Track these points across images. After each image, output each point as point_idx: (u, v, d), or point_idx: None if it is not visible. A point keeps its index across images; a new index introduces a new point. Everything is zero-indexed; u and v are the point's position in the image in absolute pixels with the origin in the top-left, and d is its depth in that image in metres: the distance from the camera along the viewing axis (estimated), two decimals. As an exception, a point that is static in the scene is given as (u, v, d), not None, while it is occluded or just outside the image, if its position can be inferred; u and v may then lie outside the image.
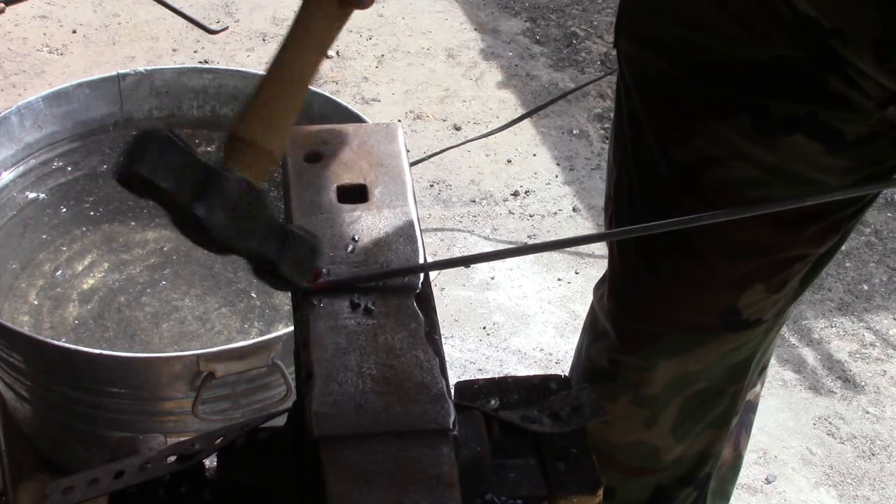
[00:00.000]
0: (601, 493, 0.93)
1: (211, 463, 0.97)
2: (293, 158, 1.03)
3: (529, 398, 1.01)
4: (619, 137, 1.39)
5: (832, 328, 2.61)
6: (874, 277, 2.75)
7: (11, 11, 3.39)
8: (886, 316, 2.65)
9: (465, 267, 2.66)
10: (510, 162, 3.00)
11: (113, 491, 0.93)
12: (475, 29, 3.50)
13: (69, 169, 2.25)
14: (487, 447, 0.90)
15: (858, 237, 2.84)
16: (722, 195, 1.27)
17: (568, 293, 2.63)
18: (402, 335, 0.89)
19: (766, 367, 1.65)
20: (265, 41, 3.36)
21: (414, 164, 2.83)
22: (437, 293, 2.06)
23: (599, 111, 3.20)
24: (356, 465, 0.79)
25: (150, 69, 2.27)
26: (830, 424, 2.39)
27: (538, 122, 3.13)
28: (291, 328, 1.70)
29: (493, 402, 1.00)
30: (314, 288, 0.92)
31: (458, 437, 0.83)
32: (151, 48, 3.29)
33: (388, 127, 1.07)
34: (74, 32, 3.33)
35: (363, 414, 0.83)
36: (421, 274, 0.93)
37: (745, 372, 1.48)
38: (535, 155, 3.03)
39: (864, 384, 2.48)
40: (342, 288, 0.92)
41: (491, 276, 2.65)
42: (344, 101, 2.20)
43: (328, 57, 3.30)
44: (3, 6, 3.37)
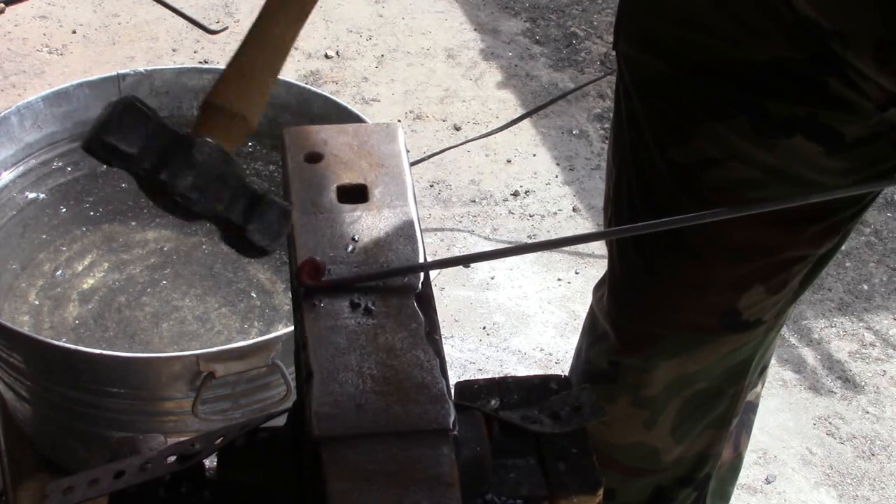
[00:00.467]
0: (601, 492, 0.93)
1: (211, 463, 0.97)
2: (293, 158, 1.03)
3: (529, 398, 1.01)
4: (618, 138, 1.39)
5: (832, 328, 2.61)
6: (874, 277, 2.75)
7: (11, 11, 3.38)
8: (886, 316, 2.65)
9: (464, 267, 2.66)
10: (510, 162, 3.00)
11: (113, 491, 0.93)
12: (475, 29, 3.50)
13: (69, 169, 2.25)
14: (488, 447, 0.90)
15: (858, 237, 2.84)
16: (722, 196, 1.27)
17: (568, 293, 2.63)
18: (402, 335, 0.89)
19: (766, 367, 1.65)
20: (265, 41, 3.35)
21: (414, 164, 2.82)
22: (437, 293, 2.05)
23: (599, 111, 3.20)
24: (356, 465, 0.79)
25: (150, 69, 2.27)
26: (830, 424, 2.39)
27: (538, 122, 3.13)
28: (291, 328, 1.70)
29: (493, 402, 1.00)
30: (314, 287, 0.92)
31: (458, 437, 0.83)
32: (151, 48, 3.29)
33: (388, 127, 1.07)
34: (74, 32, 3.33)
35: (363, 414, 0.83)
36: (421, 274, 0.93)
37: (744, 373, 1.48)
38: (535, 155, 3.03)
39: (864, 384, 2.48)
40: (342, 288, 0.92)
41: (491, 276, 2.65)
42: (344, 101, 2.20)
43: (328, 57, 3.30)
44: (3, 6, 3.37)
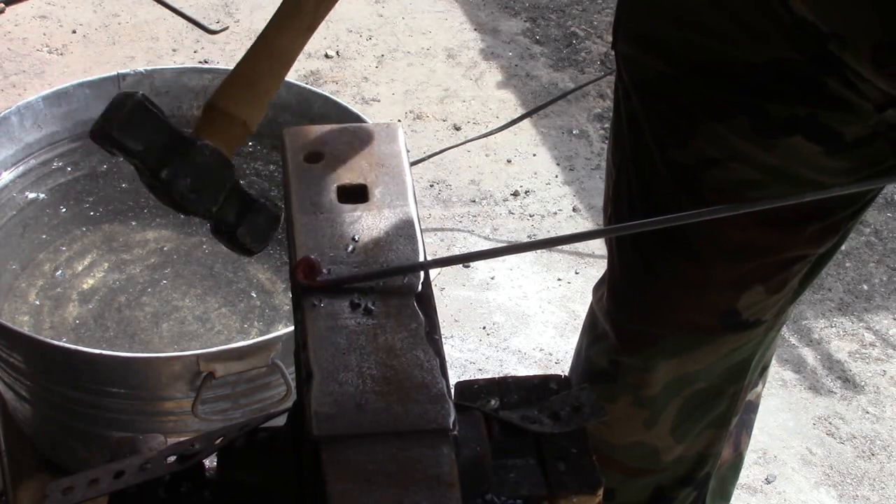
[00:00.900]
0: (601, 492, 0.93)
1: (211, 463, 0.97)
2: (293, 158, 1.03)
3: (529, 398, 1.00)
4: (617, 139, 1.38)
5: (832, 328, 2.61)
6: (874, 277, 2.75)
7: (11, 11, 3.39)
8: (886, 316, 2.65)
9: (464, 266, 2.66)
10: (510, 162, 3.00)
11: (113, 491, 0.93)
12: (475, 29, 3.50)
13: (69, 169, 2.25)
14: (487, 447, 0.90)
15: (858, 237, 2.84)
16: (721, 196, 1.27)
17: (568, 293, 2.63)
18: (402, 335, 0.88)
19: (766, 367, 1.65)
20: (265, 41, 3.35)
21: (414, 164, 2.82)
22: (437, 293, 2.05)
23: (599, 111, 3.20)
24: (356, 465, 0.79)
25: (150, 69, 2.27)
26: (830, 424, 2.39)
27: (538, 122, 3.13)
28: (291, 328, 1.70)
29: (493, 402, 1.00)
30: (314, 287, 0.92)
31: (458, 437, 0.82)
32: (151, 48, 3.29)
33: (388, 127, 1.07)
34: (74, 32, 3.33)
35: (363, 414, 0.83)
36: (421, 274, 0.93)
37: (744, 372, 1.48)
38: (535, 155, 3.03)
39: (864, 384, 2.48)
40: (341, 287, 0.92)
41: (491, 276, 2.65)
42: (344, 101, 2.19)
43: (328, 57, 3.30)
44: (3, 6, 3.37)
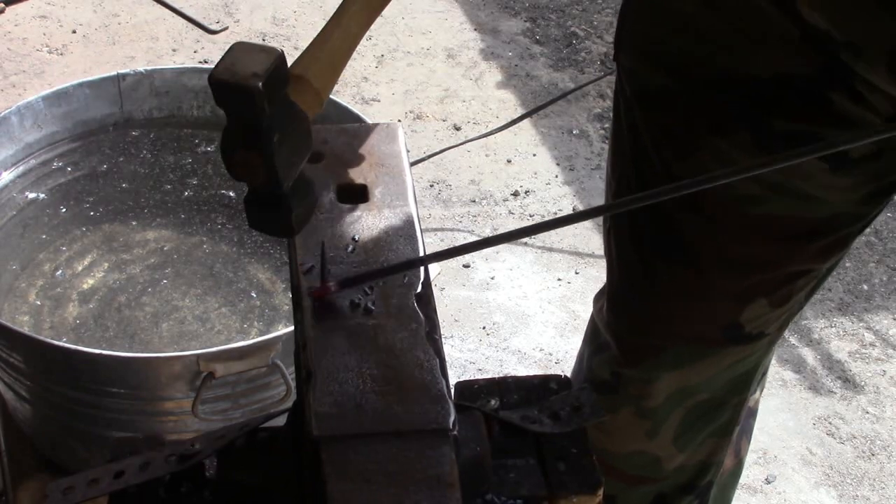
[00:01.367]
0: (601, 492, 0.93)
1: (211, 463, 0.97)
2: (293, 158, 1.03)
3: (529, 398, 1.01)
4: (618, 150, 1.37)
5: (832, 328, 2.61)
6: (874, 277, 2.75)
7: (11, 11, 3.39)
8: (886, 316, 2.65)
9: (464, 266, 2.66)
10: (510, 162, 3.00)
11: (113, 491, 0.93)
12: (475, 29, 3.50)
13: (69, 169, 2.25)
14: (488, 447, 0.90)
15: (858, 237, 2.84)
16: (723, 210, 1.26)
17: (568, 293, 2.63)
18: (402, 335, 0.88)
19: (765, 372, 1.65)
20: (265, 41, 3.36)
21: (414, 164, 2.82)
22: (437, 293, 2.05)
23: (599, 111, 3.20)
24: (356, 465, 0.79)
25: (150, 69, 2.27)
26: (830, 424, 2.39)
27: (538, 122, 3.13)
28: (291, 328, 1.70)
29: (493, 402, 1.00)
30: (317, 296, 0.91)
31: (458, 437, 0.83)
32: (151, 48, 3.29)
33: (388, 127, 1.07)
34: (74, 32, 3.33)
35: (363, 414, 0.83)
36: (421, 274, 0.93)
37: (747, 383, 1.47)
38: (535, 155, 3.03)
39: (863, 384, 2.48)
40: (345, 287, 0.92)
41: (491, 276, 2.65)
42: (344, 101, 2.19)
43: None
44: (3, 6, 3.37)
